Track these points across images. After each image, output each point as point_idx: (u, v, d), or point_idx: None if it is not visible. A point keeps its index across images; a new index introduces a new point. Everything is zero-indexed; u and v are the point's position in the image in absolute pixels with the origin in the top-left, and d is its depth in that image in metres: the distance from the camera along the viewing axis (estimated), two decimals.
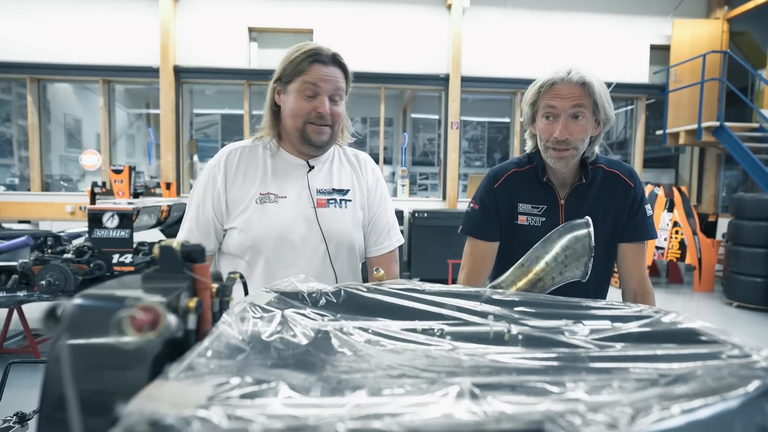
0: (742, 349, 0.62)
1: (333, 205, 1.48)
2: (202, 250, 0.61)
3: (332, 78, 1.41)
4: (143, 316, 0.45)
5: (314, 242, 1.44)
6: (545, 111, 1.41)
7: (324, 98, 1.40)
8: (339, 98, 1.44)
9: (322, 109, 1.39)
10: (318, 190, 1.47)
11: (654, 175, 9.01)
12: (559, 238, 1.14)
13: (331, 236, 1.45)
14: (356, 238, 1.51)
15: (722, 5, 8.10)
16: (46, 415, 0.48)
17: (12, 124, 8.28)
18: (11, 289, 3.62)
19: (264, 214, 1.42)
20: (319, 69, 1.39)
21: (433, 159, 9.21)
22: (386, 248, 1.57)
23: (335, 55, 1.43)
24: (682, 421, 0.42)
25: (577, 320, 0.79)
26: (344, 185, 1.52)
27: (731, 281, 6.09)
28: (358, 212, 1.52)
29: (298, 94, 1.41)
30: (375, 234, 1.57)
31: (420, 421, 0.41)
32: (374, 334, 0.74)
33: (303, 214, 1.44)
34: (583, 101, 1.38)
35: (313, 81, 1.39)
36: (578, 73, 1.38)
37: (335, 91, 1.42)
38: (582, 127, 1.39)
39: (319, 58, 1.40)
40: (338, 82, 1.42)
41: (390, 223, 1.59)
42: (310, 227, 1.44)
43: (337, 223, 1.47)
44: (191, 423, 0.38)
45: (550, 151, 1.42)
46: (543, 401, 0.45)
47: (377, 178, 1.60)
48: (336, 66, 1.43)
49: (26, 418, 1.40)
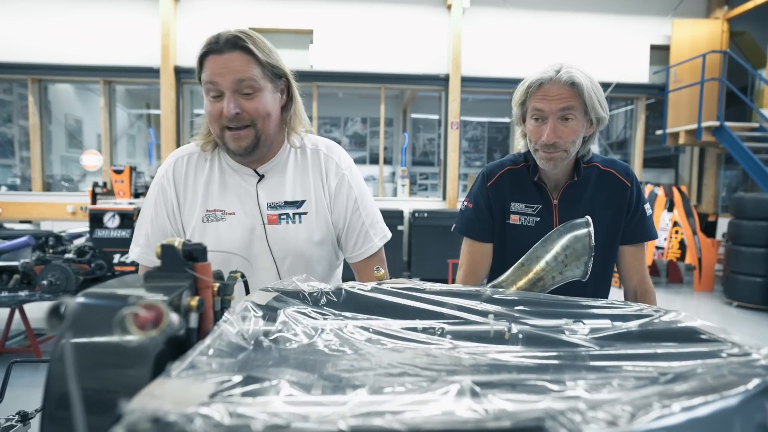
0: (742, 348, 0.62)
1: (285, 221, 1.31)
2: (203, 249, 0.61)
3: (229, 69, 1.17)
4: (146, 314, 0.45)
5: (264, 262, 1.30)
6: (533, 113, 1.37)
7: (228, 95, 1.18)
8: (251, 89, 1.19)
9: (225, 110, 1.18)
10: (269, 204, 1.31)
11: (654, 175, 9.01)
12: (559, 238, 1.14)
13: (284, 254, 1.31)
14: (315, 252, 1.35)
15: (722, 5, 8.09)
16: (50, 413, 0.48)
17: (13, 125, 8.29)
18: (13, 289, 3.63)
19: (209, 234, 1.28)
20: (214, 61, 1.18)
21: (433, 159, 9.21)
22: (367, 252, 1.40)
23: (233, 38, 1.17)
24: (682, 419, 0.42)
25: (577, 319, 0.80)
26: (298, 195, 1.33)
27: (731, 281, 6.09)
28: (316, 225, 1.34)
29: (206, 96, 1.22)
30: (351, 239, 1.40)
31: (421, 418, 0.41)
32: (375, 332, 0.75)
33: (253, 233, 1.30)
34: (572, 103, 1.33)
35: (209, 78, 1.18)
36: (567, 73, 1.32)
37: (240, 82, 1.17)
38: (572, 129, 1.35)
39: (213, 48, 1.18)
40: (242, 72, 1.17)
41: (367, 224, 1.40)
42: (260, 246, 1.30)
43: (289, 240, 1.31)
44: (194, 420, 0.38)
45: (539, 152, 1.39)
46: (543, 399, 0.45)
47: (342, 176, 1.37)
48: (237, 51, 1.17)
49: (28, 417, 1.40)
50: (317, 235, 1.34)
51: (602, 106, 1.38)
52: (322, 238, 1.35)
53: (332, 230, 1.39)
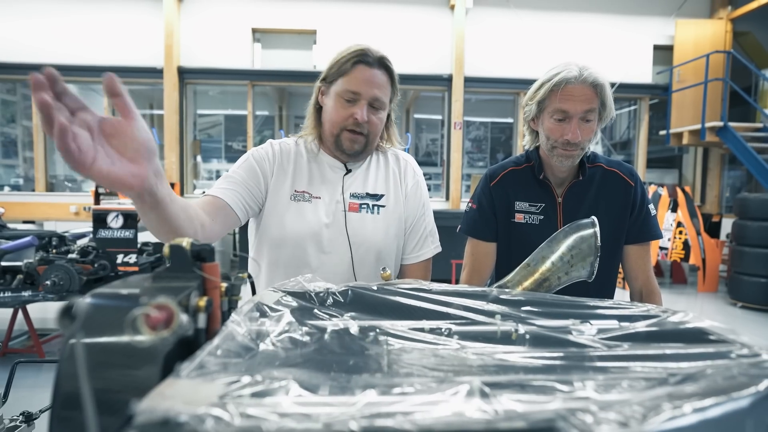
0: (751, 349, 0.62)
1: (365, 210, 1.43)
2: (211, 250, 0.61)
3: (374, 82, 1.33)
4: (158, 314, 0.45)
5: (341, 247, 1.39)
6: (556, 113, 1.38)
7: (363, 104, 1.33)
8: (380, 106, 1.36)
9: (359, 115, 1.32)
10: (352, 194, 1.43)
11: (657, 176, 8.99)
12: (564, 238, 1.14)
13: (359, 243, 1.40)
14: (386, 245, 1.44)
15: (725, 5, 8.08)
16: (58, 414, 0.48)
17: (17, 125, 8.32)
18: (16, 289, 3.64)
19: (296, 212, 1.38)
20: (362, 71, 1.33)
21: (436, 159, 9.22)
22: (422, 256, 1.51)
23: (382, 59, 1.35)
24: (694, 420, 0.42)
25: (584, 320, 0.79)
26: (379, 190, 1.46)
27: (735, 281, 6.07)
28: (392, 219, 1.45)
29: (338, 98, 1.34)
30: (412, 241, 1.50)
31: (431, 419, 0.41)
32: (382, 333, 0.75)
33: (334, 217, 1.40)
34: (594, 104, 1.36)
35: (354, 85, 1.32)
36: (591, 73, 1.35)
37: (376, 97, 1.34)
38: (591, 129, 1.38)
39: (365, 59, 1.33)
40: (381, 88, 1.34)
41: (428, 230, 1.52)
42: (338, 231, 1.39)
43: (366, 229, 1.41)
44: (205, 421, 0.38)
45: (557, 149, 1.40)
46: (554, 400, 0.45)
47: (417, 181, 1.52)
48: (382, 70, 1.35)
49: (32, 417, 1.41)
50: (392, 229, 1.45)
51: (612, 105, 1.42)
52: (396, 232, 1.46)
53: (404, 227, 1.49)
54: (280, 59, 7.84)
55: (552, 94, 1.37)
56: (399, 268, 1.54)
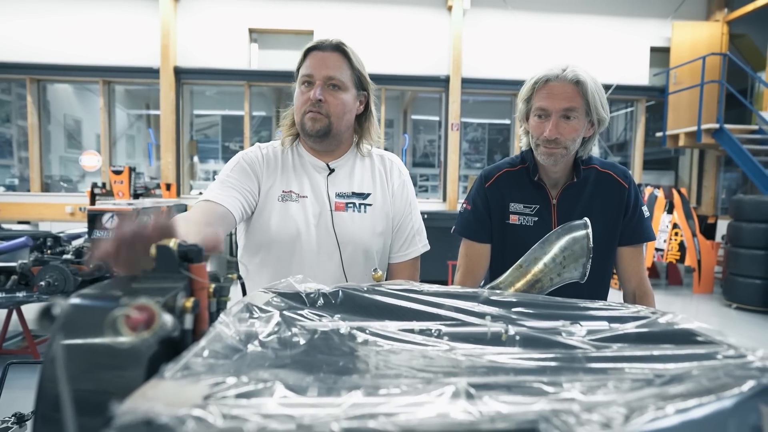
0: (737, 350, 0.62)
1: (351, 209, 1.44)
2: (199, 251, 0.61)
3: (327, 64, 1.36)
4: (138, 315, 0.45)
5: (329, 247, 1.41)
6: (537, 110, 1.40)
7: (318, 84, 1.36)
8: (339, 86, 1.37)
9: (311, 94, 1.35)
10: (337, 194, 1.44)
11: (654, 177, 9.01)
12: (557, 240, 1.14)
13: (347, 242, 1.41)
14: (374, 244, 1.45)
15: (722, 8, 8.10)
16: (42, 415, 0.48)
17: (12, 125, 8.29)
18: (10, 290, 3.62)
19: (284, 211, 1.40)
20: (315, 56, 1.37)
21: (433, 160, 9.22)
22: (410, 254, 1.53)
23: (339, 44, 1.39)
24: (677, 421, 0.42)
25: (574, 321, 0.79)
26: (366, 189, 1.48)
27: (730, 283, 6.09)
28: (379, 217, 1.47)
29: (298, 87, 1.40)
30: (399, 239, 1.52)
31: (415, 420, 0.41)
32: (372, 334, 0.74)
33: (321, 217, 1.41)
34: (574, 103, 1.36)
35: (307, 69, 1.37)
36: (573, 71, 1.36)
37: (330, 76, 1.36)
38: (573, 128, 1.38)
39: (318, 47, 1.38)
40: (335, 69, 1.36)
41: (415, 229, 1.54)
42: (326, 231, 1.41)
43: (354, 228, 1.42)
44: (186, 422, 0.38)
45: (540, 147, 1.41)
46: (538, 401, 0.45)
47: (403, 181, 1.54)
48: (337, 53, 1.38)
49: (24, 418, 1.40)
50: (379, 227, 1.47)
51: (603, 107, 1.40)
52: (382, 230, 1.48)
53: (391, 225, 1.51)
54: (277, 60, 7.83)
55: (535, 93, 1.40)
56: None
